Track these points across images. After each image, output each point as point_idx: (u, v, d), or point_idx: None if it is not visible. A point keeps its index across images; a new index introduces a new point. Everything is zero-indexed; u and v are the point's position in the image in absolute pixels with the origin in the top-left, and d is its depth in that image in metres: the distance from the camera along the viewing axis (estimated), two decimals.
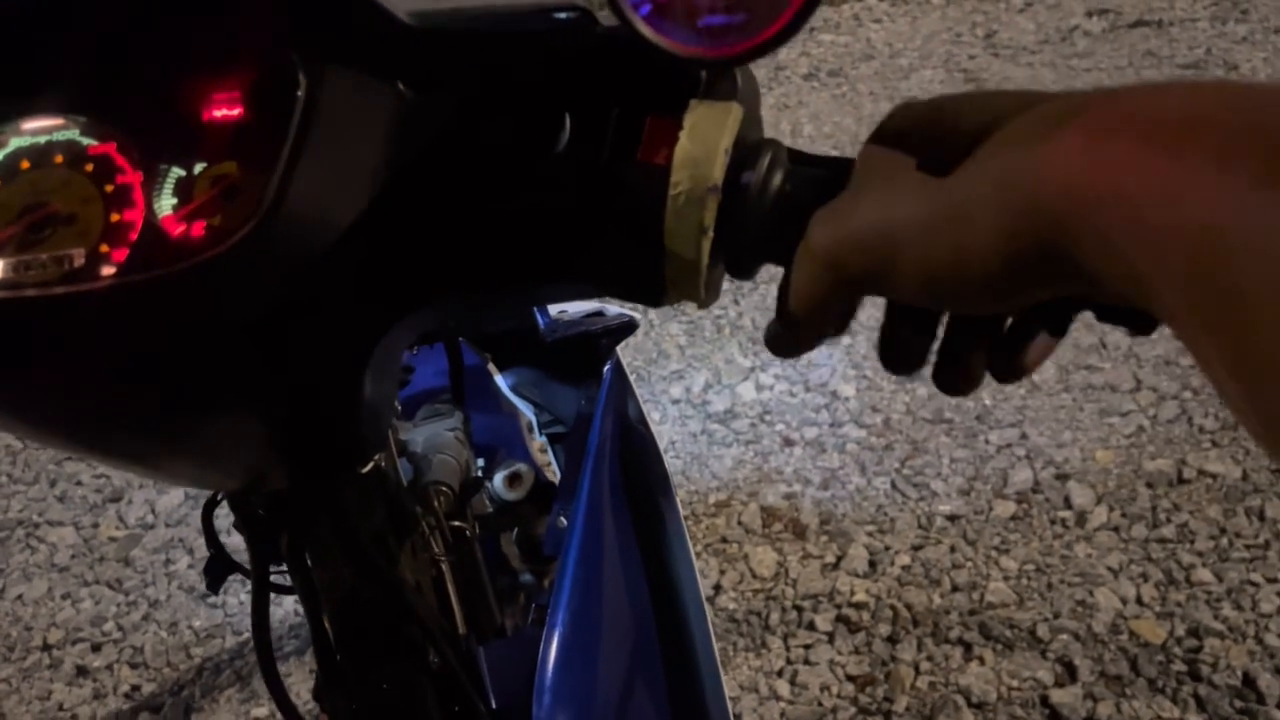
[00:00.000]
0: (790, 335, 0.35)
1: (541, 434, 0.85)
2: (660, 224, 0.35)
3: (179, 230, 0.36)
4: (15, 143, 0.38)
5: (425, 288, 0.39)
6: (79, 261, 0.36)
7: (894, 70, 2.54)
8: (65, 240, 0.36)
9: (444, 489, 0.56)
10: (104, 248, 0.36)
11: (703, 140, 0.35)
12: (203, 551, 1.58)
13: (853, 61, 2.61)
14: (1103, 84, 1.67)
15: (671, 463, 1.61)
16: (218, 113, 0.37)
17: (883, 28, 2.74)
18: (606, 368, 0.77)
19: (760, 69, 2.23)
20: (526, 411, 0.86)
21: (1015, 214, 0.25)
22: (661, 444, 1.13)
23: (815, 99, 2.48)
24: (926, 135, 0.32)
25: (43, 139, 0.38)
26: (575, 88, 0.37)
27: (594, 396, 0.76)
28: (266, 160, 0.36)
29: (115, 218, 0.36)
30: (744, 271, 0.38)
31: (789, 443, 1.62)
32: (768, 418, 1.66)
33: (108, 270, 0.36)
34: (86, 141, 0.37)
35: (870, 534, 1.46)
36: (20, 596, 1.60)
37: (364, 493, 0.49)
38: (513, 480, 0.72)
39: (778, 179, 0.36)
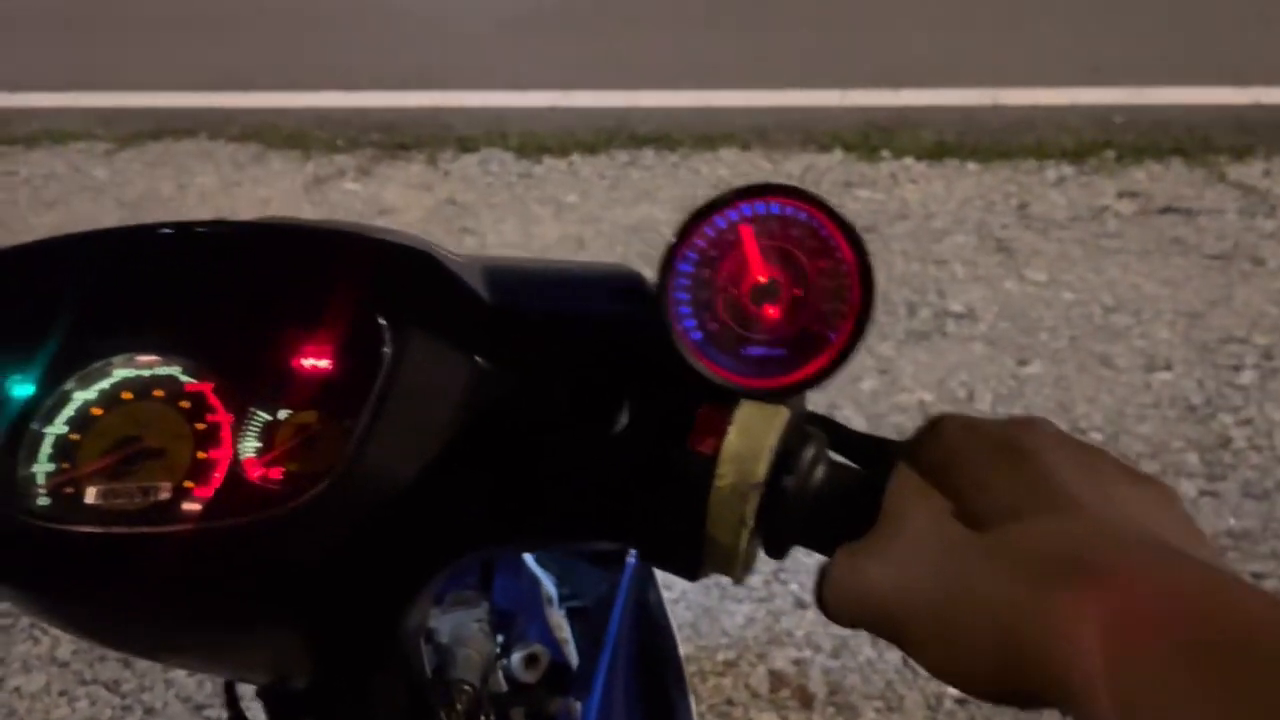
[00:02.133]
0: None
1: (561, 607, 0.86)
2: (703, 510, 0.38)
3: (259, 474, 0.39)
4: (120, 373, 0.41)
5: (480, 539, 0.41)
6: (164, 495, 0.39)
7: (927, 232, 2.60)
8: (153, 473, 0.39)
9: (466, 687, 0.58)
10: (189, 483, 0.39)
11: (750, 438, 0.38)
12: None
13: (887, 220, 2.68)
14: (1130, 266, 1.69)
15: (681, 614, 1.61)
16: (306, 363, 0.40)
17: (918, 188, 2.82)
18: (631, 552, 0.79)
19: None
20: (548, 583, 0.88)
21: (1011, 657, 0.28)
22: (672, 594, 1.14)
23: None
24: (958, 464, 0.35)
25: (146, 373, 0.41)
26: (636, 373, 0.40)
27: (616, 581, 0.77)
28: (347, 414, 0.39)
29: (202, 455, 0.39)
30: (778, 553, 0.40)
31: (802, 605, 1.61)
32: (782, 575, 1.66)
33: (190, 506, 0.38)
34: (185, 380, 0.40)
35: (878, 710, 1.44)
36: (18, 689, 1.59)
37: (390, 685, 0.50)
38: (530, 661, 0.72)
39: (817, 481, 0.38)
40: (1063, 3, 3.88)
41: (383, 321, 0.40)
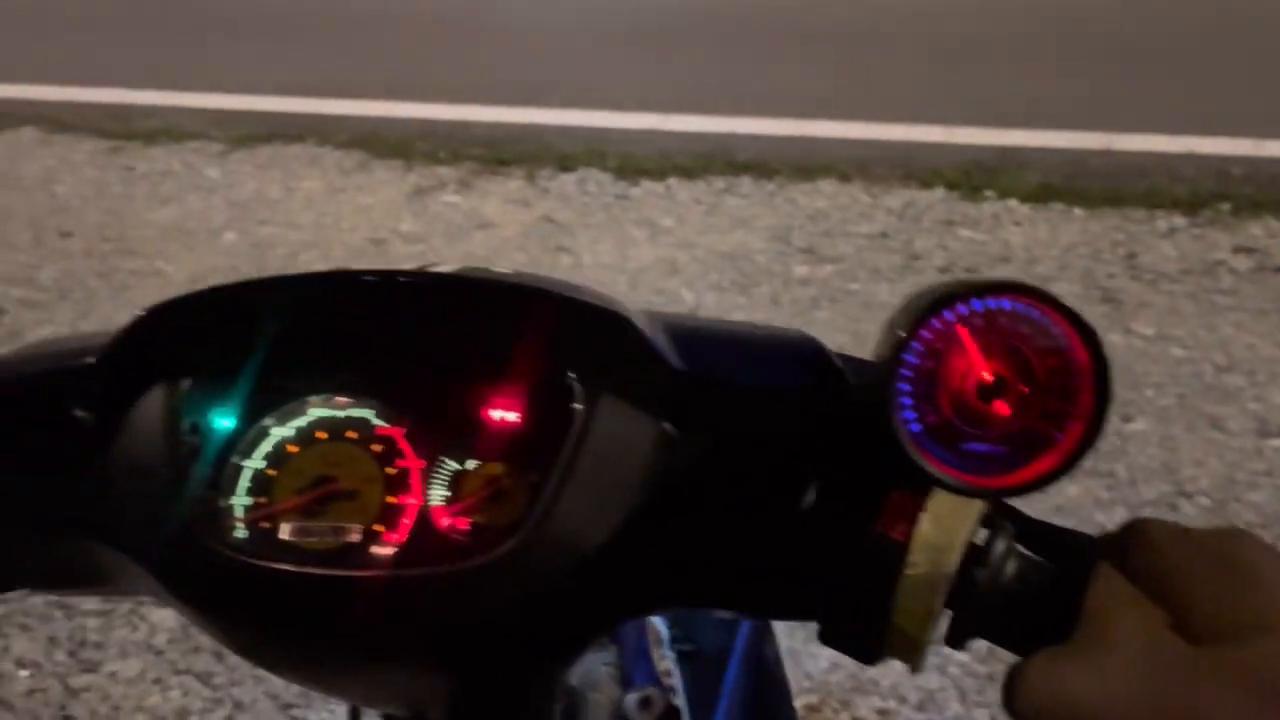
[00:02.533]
0: None
1: (670, 649, 0.86)
2: (889, 596, 0.37)
3: (446, 523, 0.39)
4: (316, 412, 0.42)
5: (658, 602, 0.41)
6: (354, 537, 0.39)
7: (1030, 277, 2.54)
8: (345, 513, 0.40)
9: None
10: (378, 527, 0.39)
11: (944, 528, 0.37)
12: None
13: (989, 261, 2.63)
14: (1245, 325, 1.63)
15: None
16: (495, 415, 0.41)
17: (1022, 231, 2.77)
18: None
19: (894, 255, 2.25)
20: (659, 624, 0.87)
21: None
22: None
23: None
24: (1169, 574, 0.34)
25: (340, 413, 0.42)
26: (823, 448, 0.39)
27: (734, 630, 0.76)
28: (534, 469, 0.39)
29: (392, 500, 0.40)
30: (959, 644, 0.39)
31: None
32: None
33: (380, 551, 0.39)
34: (377, 423, 0.41)
35: None
36: (114, 674, 1.64)
37: None
38: (645, 704, 0.72)
39: (1009, 575, 0.37)
40: (1182, 50, 3.78)
41: (574, 379, 0.40)
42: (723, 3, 4.90)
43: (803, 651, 1.58)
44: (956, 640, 0.39)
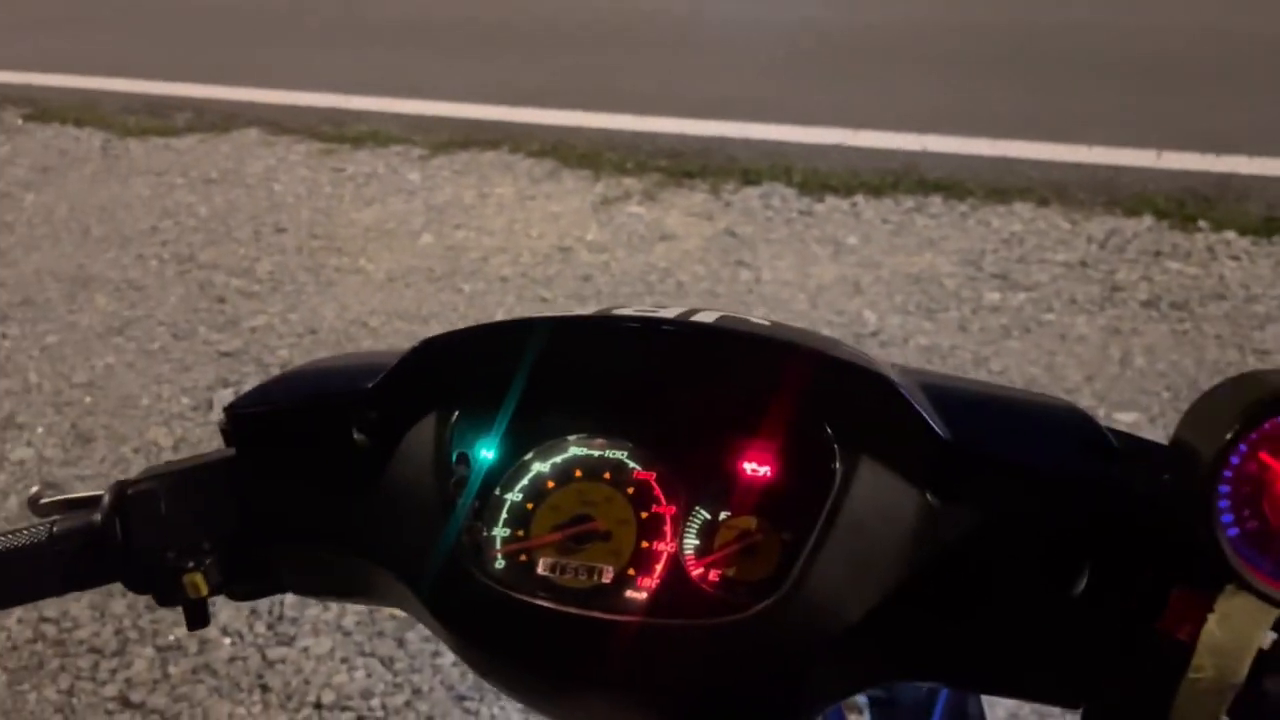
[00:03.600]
0: None
1: (865, 693, 0.84)
2: (1170, 699, 0.35)
3: (698, 573, 0.40)
4: (574, 451, 0.43)
5: (909, 674, 0.40)
6: (607, 578, 0.40)
7: (1248, 316, 2.37)
8: (599, 555, 0.41)
9: None
10: (631, 571, 0.40)
11: (1235, 632, 0.34)
12: None
13: (1200, 298, 2.46)
14: None
15: None
16: (748, 467, 0.41)
17: (1240, 267, 2.58)
18: None
19: (1094, 285, 2.13)
20: None
21: None
22: None
23: (1153, 330, 2.35)
24: None
25: (597, 453, 0.43)
26: (1099, 534, 0.37)
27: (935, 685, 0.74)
28: (787, 527, 0.39)
29: (645, 545, 0.40)
30: None
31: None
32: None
33: (633, 595, 0.40)
34: (632, 466, 0.42)
35: None
36: (306, 649, 1.74)
37: None
38: None
39: None
40: None
41: (832, 439, 0.40)
42: (916, 19, 4.79)
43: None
44: None
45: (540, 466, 0.43)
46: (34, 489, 0.53)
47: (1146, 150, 3.16)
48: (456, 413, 0.44)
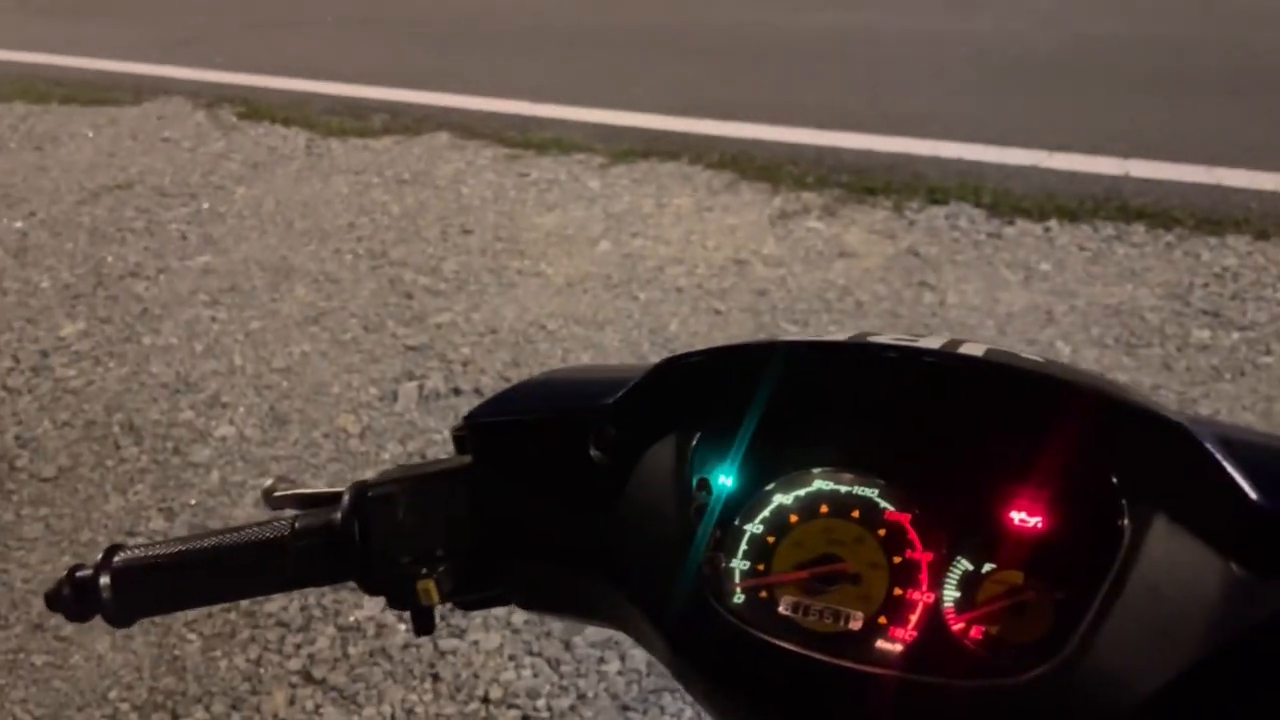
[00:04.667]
0: None
1: None
2: None
3: (959, 628, 0.37)
4: (819, 485, 0.40)
5: None
6: (855, 624, 0.38)
7: None
8: (847, 599, 0.38)
9: None
10: (882, 620, 0.37)
11: None
12: (634, 662, 1.67)
13: None
14: None
15: None
16: (1017, 517, 0.38)
17: None
18: None
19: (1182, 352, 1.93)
20: None
21: None
22: None
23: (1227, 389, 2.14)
24: None
25: (845, 489, 0.40)
26: None
27: None
28: (1062, 587, 0.36)
29: (898, 592, 0.38)
30: None
31: None
32: None
33: (885, 646, 0.37)
34: (884, 506, 0.39)
35: None
36: (477, 643, 1.78)
37: None
38: None
39: None
40: None
41: (1120, 492, 0.36)
42: (1122, 34, 4.53)
43: None
44: None
45: (783, 499, 0.41)
46: (268, 481, 0.55)
47: None
48: (697, 435, 0.42)
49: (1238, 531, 0.35)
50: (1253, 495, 0.35)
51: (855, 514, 0.40)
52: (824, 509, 0.40)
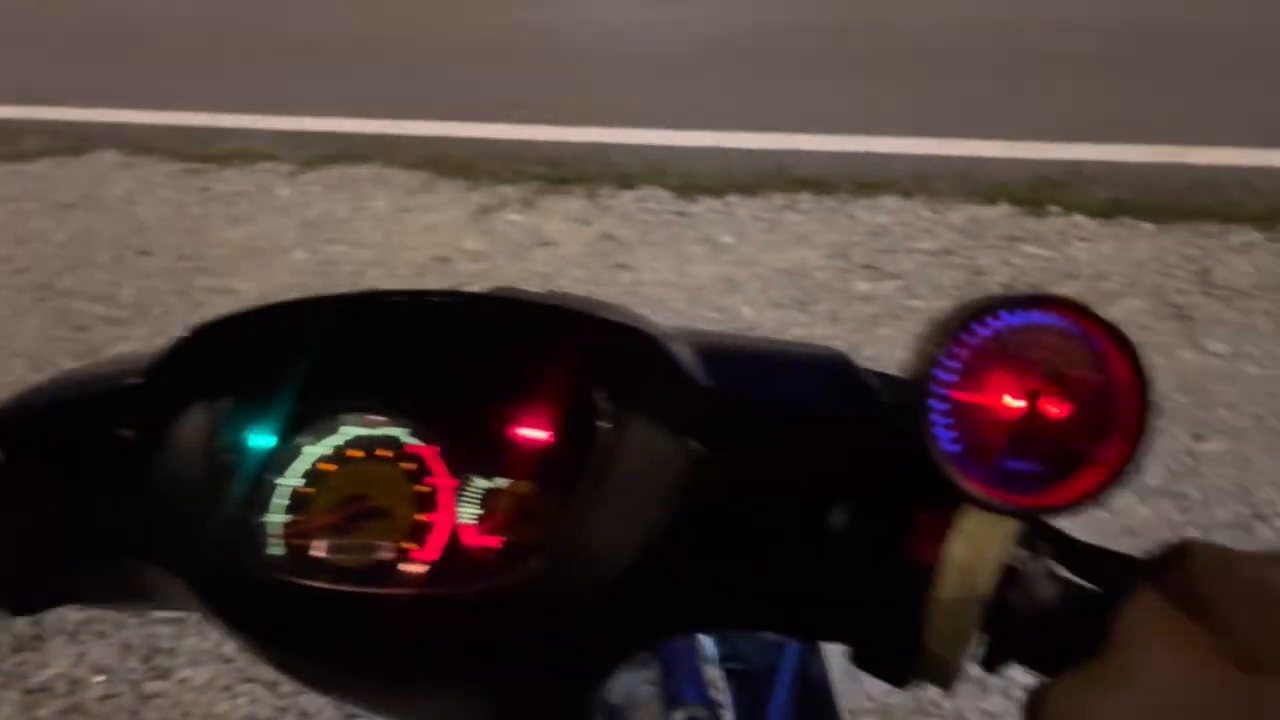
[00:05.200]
0: None
1: (719, 666, 0.86)
2: (921, 620, 0.36)
3: (476, 541, 0.40)
4: (348, 431, 0.42)
5: (687, 622, 0.42)
6: (386, 554, 0.40)
7: (1097, 294, 2.50)
8: (377, 532, 0.41)
9: None
10: (409, 545, 0.40)
11: (976, 549, 0.36)
12: None
13: (1054, 278, 2.58)
14: None
15: None
16: (524, 434, 0.41)
17: (1089, 247, 2.72)
18: None
19: (957, 271, 2.21)
20: (706, 640, 0.87)
21: None
22: None
23: None
24: (1212, 601, 0.33)
25: (373, 432, 0.42)
26: (850, 470, 0.39)
27: (780, 648, 0.76)
28: (563, 487, 0.40)
29: (422, 518, 0.41)
30: (993, 668, 0.39)
31: None
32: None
33: (409, 569, 0.40)
34: (408, 442, 0.42)
35: None
36: (185, 680, 1.68)
37: None
38: None
39: (1045, 598, 0.36)
40: (1248, 61, 3.67)
41: (601, 398, 0.41)
42: (783, 22, 4.90)
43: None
44: (991, 664, 0.38)
45: (315, 449, 0.42)
46: None
47: (1001, 141, 3.30)
48: (227, 400, 0.42)
49: (694, 416, 0.40)
50: (702, 381, 0.40)
51: (384, 454, 0.42)
52: (356, 454, 0.42)
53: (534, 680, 0.42)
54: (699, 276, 2.78)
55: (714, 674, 0.91)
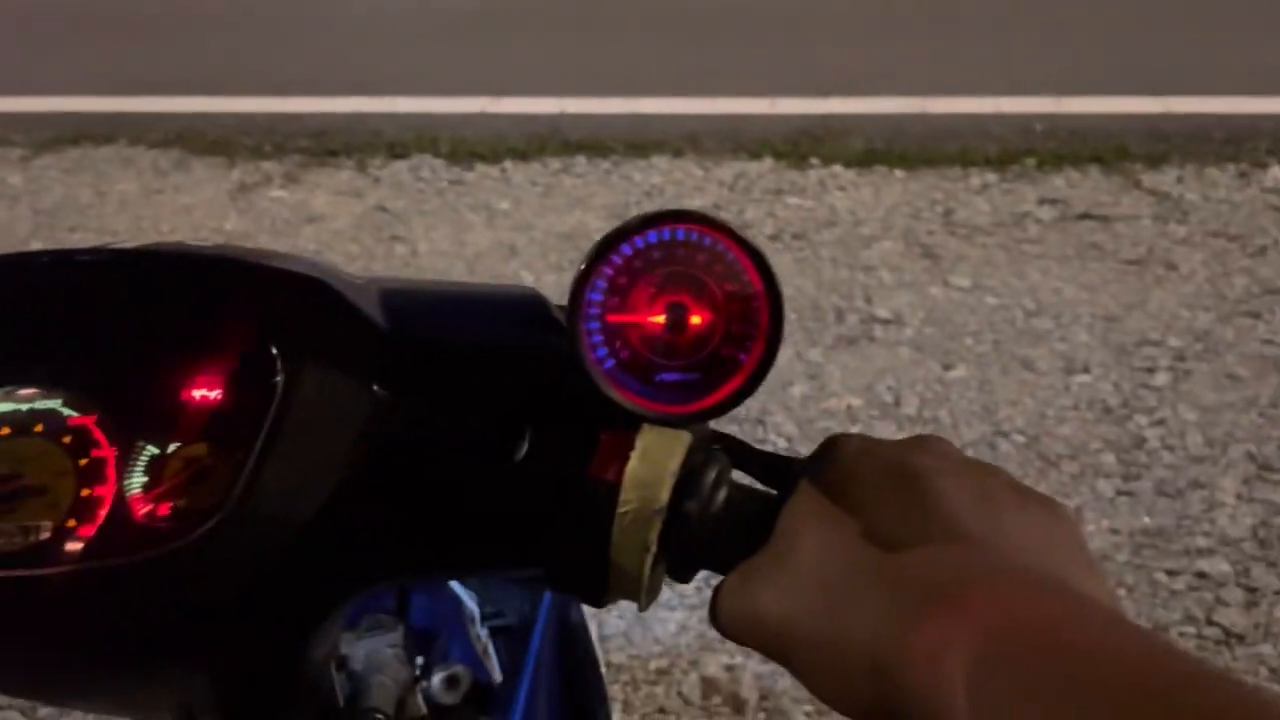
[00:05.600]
0: None
1: (484, 625, 0.86)
2: (607, 537, 0.38)
3: (146, 510, 0.38)
4: None
5: (380, 572, 0.41)
6: (45, 535, 0.37)
7: (855, 239, 2.64)
8: (34, 511, 0.38)
9: (378, 716, 0.57)
10: (71, 522, 0.37)
11: (652, 464, 0.38)
12: None
13: (816, 227, 2.71)
14: (1051, 271, 1.72)
15: (614, 623, 1.61)
16: (196, 394, 0.39)
17: (847, 196, 2.87)
18: None
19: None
20: (469, 601, 0.87)
21: (884, 687, 0.29)
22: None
23: (778, 260, 2.56)
24: (852, 487, 0.35)
25: (25, 407, 0.39)
26: (538, 400, 0.40)
27: (538, 599, 0.77)
28: (238, 446, 0.38)
29: (86, 492, 0.38)
30: (684, 577, 0.40)
31: None
32: (714, 581, 1.67)
33: (73, 546, 0.37)
34: (67, 413, 0.39)
35: (808, 714, 1.46)
36: None
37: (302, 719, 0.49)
38: (450, 683, 0.72)
39: (719, 504, 0.38)
40: (987, 14, 3.97)
41: (274, 351, 0.39)
42: None
43: (651, 617, 1.61)
44: (679, 572, 0.40)
45: None
46: None
47: (762, 98, 3.42)
48: None
49: (372, 359, 0.39)
50: (379, 324, 0.39)
51: (39, 429, 0.39)
52: (6, 431, 0.39)
53: (231, 646, 0.40)
54: (477, 245, 2.74)
55: (479, 634, 0.91)
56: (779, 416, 2.02)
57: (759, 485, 0.41)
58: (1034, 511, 0.34)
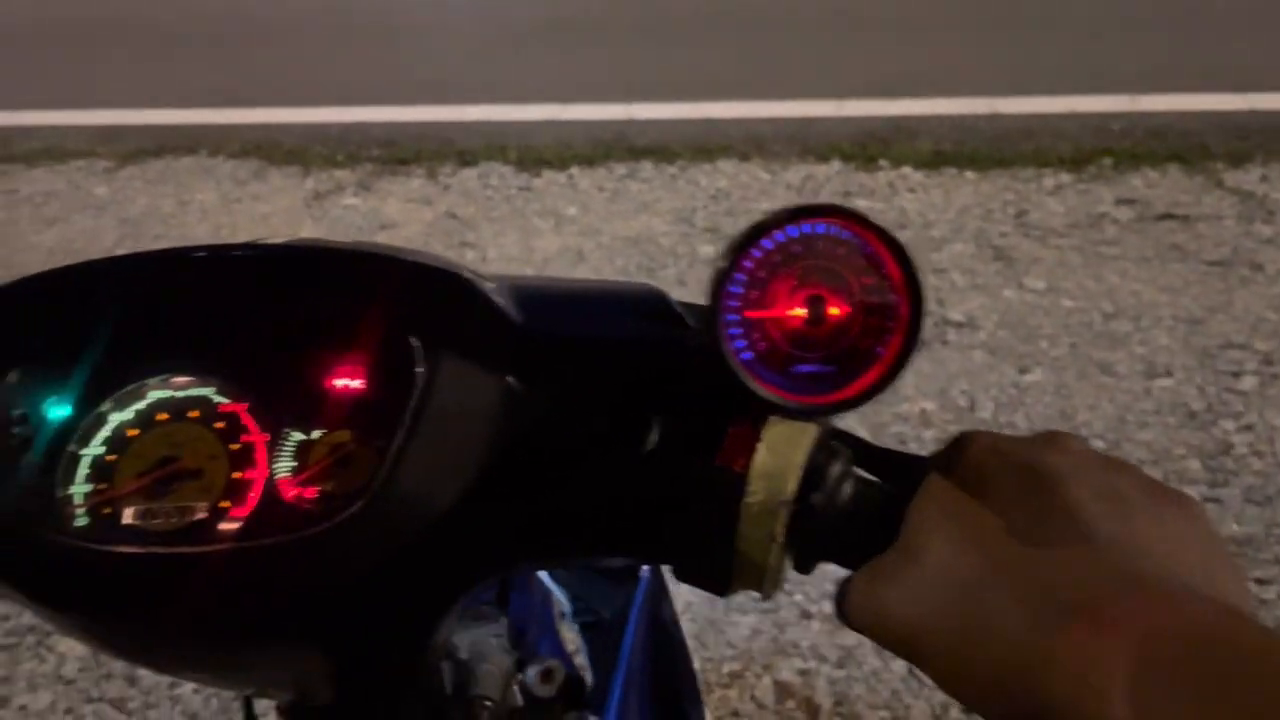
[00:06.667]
0: None
1: (574, 621, 0.87)
2: (733, 527, 0.38)
3: (294, 494, 0.39)
4: (155, 395, 0.41)
5: (513, 559, 0.42)
6: (201, 515, 0.39)
7: (926, 241, 2.61)
8: (190, 494, 0.40)
9: (486, 703, 0.58)
10: (224, 504, 0.39)
11: (780, 455, 0.38)
12: None
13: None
14: (1129, 273, 1.69)
15: (686, 626, 1.61)
16: (339, 383, 0.41)
17: (916, 198, 2.84)
18: (644, 567, 0.79)
19: None
20: (561, 597, 0.88)
21: (1022, 691, 0.29)
22: (678, 605, 1.17)
23: None
24: (983, 487, 0.35)
25: (180, 394, 0.41)
26: (666, 392, 0.40)
27: (630, 595, 0.78)
28: (380, 435, 0.40)
29: (237, 475, 0.40)
30: (806, 569, 0.40)
31: (807, 615, 1.61)
32: (786, 588, 1.66)
33: (226, 526, 0.39)
34: (219, 400, 0.41)
35: None
36: (24, 707, 1.59)
37: (412, 703, 0.51)
38: (546, 676, 0.73)
39: (844, 497, 0.39)
40: (1059, 12, 3.90)
41: (415, 342, 0.40)
42: None
43: (724, 621, 1.61)
44: (803, 564, 0.40)
45: (119, 416, 0.41)
46: None
47: (829, 101, 3.40)
48: (15, 373, 0.41)
49: (509, 352, 0.41)
50: (515, 319, 0.41)
51: (193, 414, 0.41)
52: (163, 417, 0.41)
53: (364, 627, 0.41)
54: (545, 250, 2.77)
55: (569, 630, 0.92)
56: (851, 420, 2.00)
57: (883, 483, 0.41)
58: (1167, 509, 0.33)
